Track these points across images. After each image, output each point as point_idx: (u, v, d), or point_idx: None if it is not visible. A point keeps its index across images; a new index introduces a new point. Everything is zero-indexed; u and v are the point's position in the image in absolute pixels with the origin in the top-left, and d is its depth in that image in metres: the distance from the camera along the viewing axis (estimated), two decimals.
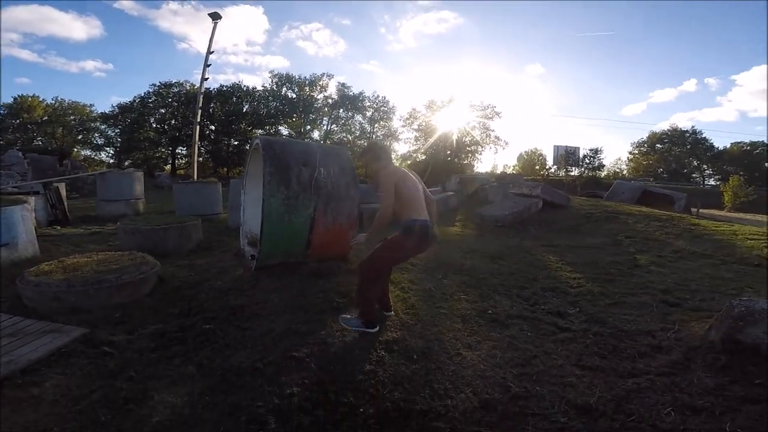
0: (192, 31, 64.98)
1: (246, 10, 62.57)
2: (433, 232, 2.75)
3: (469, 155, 32.64)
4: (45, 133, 34.11)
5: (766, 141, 41.37)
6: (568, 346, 2.74)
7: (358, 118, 35.77)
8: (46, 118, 34.77)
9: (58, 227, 7.32)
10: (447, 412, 2.02)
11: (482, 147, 32.95)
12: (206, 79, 17.97)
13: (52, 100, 35.67)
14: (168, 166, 32.43)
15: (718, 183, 38.04)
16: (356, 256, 4.59)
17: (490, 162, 57.23)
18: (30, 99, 34.78)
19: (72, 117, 35.74)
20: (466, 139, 32.40)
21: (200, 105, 18.29)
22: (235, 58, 62.71)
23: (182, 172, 30.78)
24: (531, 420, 1.98)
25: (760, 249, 5.41)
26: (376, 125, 35.80)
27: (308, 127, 35.10)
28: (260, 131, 33.87)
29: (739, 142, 43.04)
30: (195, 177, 15.87)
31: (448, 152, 31.43)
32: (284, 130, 34.81)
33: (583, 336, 2.89)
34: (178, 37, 64.19)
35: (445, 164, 28.69)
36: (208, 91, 31.48)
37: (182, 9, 63.92)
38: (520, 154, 47.36)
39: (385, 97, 36.50)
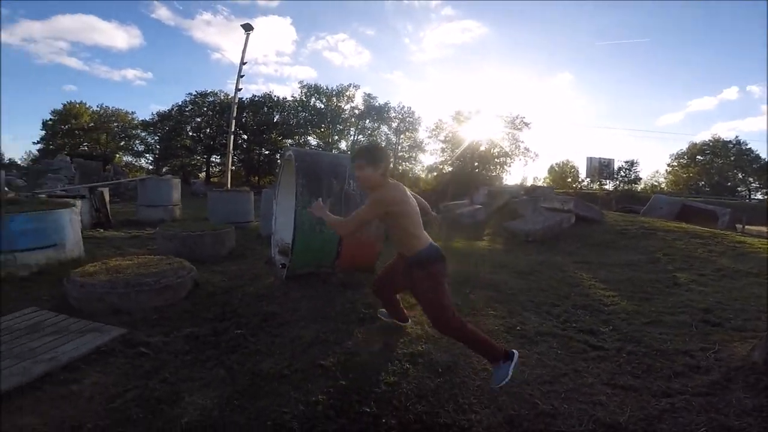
0: (224, 41, 67.65)
1: (275, 21, 64.88)
2: (440, 250, 2.46)
3: (498, 167, 32.11)
4: (90, 138, 36.04)
5: None
6: (599, 365, 2.66)
7: (384, 128, 36.06)
8: (91, 124, 36.64)
9: (101, 230, 7.75)
10: (471, 427, 2.00)
11: (511, 158, 32.31)
12: (240, 89, 18.64)
13: (98, 107, 37.57)
14: (202, 174, 33.71)
15: (766, 197, 35.82)
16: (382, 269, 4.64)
17: (519, 174, 56.23)
18: (77, 106, 36.75)
19: (115, 124, 37.59)
20: (495, 151, 31.92)
21: (234, 115, 18.98)
22: (265, 68, 64.75)
23: (216, 179, 31.87)
24: None
25: None
26: (401, 136, 35.97)
27: (336, 137, 35.65)
28: (290, 141, 34.68)
29: None
30: (228, 185, 16.40)
31: (476, 164, 31.06)
32: (313, 140, 35.53)
33: (616, 355, 2.80)
34: (212, 47, 67.10)
35: (473, 176, 28.36)
36: (241, 101, 32.79)
37: (215, 20, 66.74)
38: (551, 166, 46.26)
39: (410, 108, 36.53)
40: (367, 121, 35.72)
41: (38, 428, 1.95)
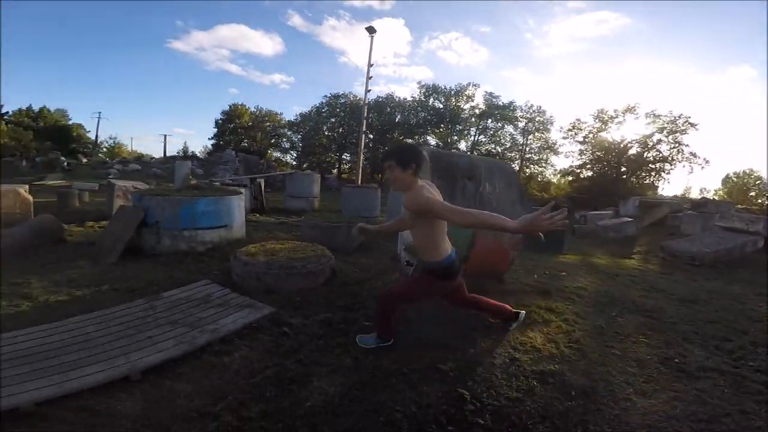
0: (348, 45, 72.11)
1: (389, 23, 65.90)
2: (458, 265, 2.44)
3: (653, 174, 26.97)
4: (249, 136, 42.40)
5: None
6: None
7: (509, 128, 34.00)
8: (250, 123, 43.07)
9: (257, 215, 9.07)
10: None
11: (671, 165, 26.69)
12: (369, 91, 19.66)
13: (254, 108, 44.02)
14: (335, 170, 36.87)
15: None
16: (511, 278, 4.35)
17: (680, 183, 47.05)
18: (240, 107, 43.53)
19: (267, 123, 43.35)
20: (649, 155, 26.95)
21: (365, 116, 20.15)
22: (385, 69, 66.55)
23: (345, 176, 34.51)
24: None
25: None
26: (530, 137, 33.44)
27: (455, 137, 35.08)
28: (410, 140, 35.36)
29: None
30: (359, 182, 17.52)
31: (623, 169, 26.76)
32: (432, 140, 35.57)
33: None
34: (338, 51, 72.28)
35: (618, 183, 24.57)
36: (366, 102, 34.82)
37: (339, 24, 71.40)
38: (727, 176, 37.46)
39: (540, 107, 33.50)
40: (489, 120, 34.18)
41: (189, 394, 2.22)
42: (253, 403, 2.11)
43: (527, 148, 33.27)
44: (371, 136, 36.17)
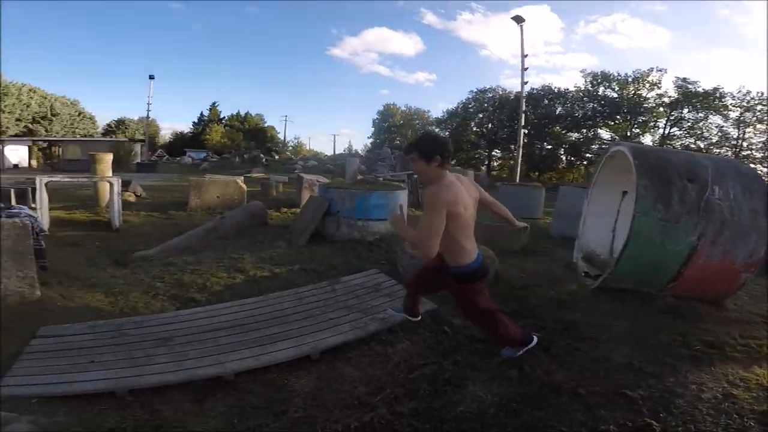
0: (486, 37, 69.12)
1: (533, 10, 60.15)
2: (486, 265, 2.33)
3: None
4: (401, 134, 45.12)
5: None
6: None
7: (715, 119, 26.85)
8: (401, 122, 46.02)
9: (413, 210, 9.43)
10: None
11: None
12: (526, 83, 18.35)
13: (404, 107, 46.96)
14: (483, 167, 35.86)
15: None
16: (734, 303, 3.50)
17: None
18: (392, 107, 47.25)
19: (417, 121, 45.55)
20: None
21: (523, 109, 18.92)
22: (535, 59, 61.72)
23: (495, 173, 33.24)
24: None
25: None
26: (747, 129, 25.85)
27: (636, 129, 29.67)
28: (576, 134, 31.69)
29: None
30: (517, 180, 16.70)
31: None
32: (604, 134, 31.02)
33: None
34: (478, 44, 69.46)
35: None
36: (517, 95, 32.58)
37: (474, 18, 68.27)
38: None
39: (762, 93, 25.31)
40: (686, 110, 27.71)
41: (354, 380, 2.35)
42: (407, 399, 2.11)
43: (744, 144, 25.92)
44: (524, 131, 33.72)
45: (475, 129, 37.16)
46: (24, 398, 2.06)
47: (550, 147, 33.31)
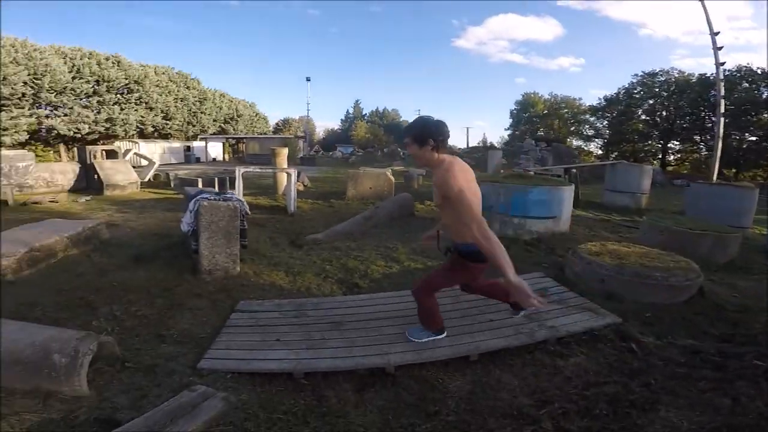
0: (645, 15, 55.68)
1: None
2: None
3: None
4: (545, 124, 41.19)
5: None
6: None
7: None
8: (545, 111, 41.98)
9: (572, 209, 8.47)
10: None
11: None
12: (722, 63, 14.41)
13: (548, 95, 42.50)
14: (656, 161, 30.27)
15: None
16: None
17: None
18: (532, 96, 43.18)
19: (565, 110, 40.89)
20: None
21: (722, 94, 15.12)
22: (719, 37, 47.09)
23: (672, 168, 27.76)
24: None
25: None
26: None
27: None
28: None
29: None
30: (714, 177, 13.64)
31: None
32: None
33: None
34: (635, 24, 56.88)
35: None
36: (703, 79, 26.41)
37: None
38: None
39: None
40: None
41: (514, 389, 2.17)
42: (578, 417, 1.91)
43: None
44: (713, 120, 26.99)
45: (643, 117, 31.57)
46: (222, 373, 2.20)
47: (754, 139, 25.99)
